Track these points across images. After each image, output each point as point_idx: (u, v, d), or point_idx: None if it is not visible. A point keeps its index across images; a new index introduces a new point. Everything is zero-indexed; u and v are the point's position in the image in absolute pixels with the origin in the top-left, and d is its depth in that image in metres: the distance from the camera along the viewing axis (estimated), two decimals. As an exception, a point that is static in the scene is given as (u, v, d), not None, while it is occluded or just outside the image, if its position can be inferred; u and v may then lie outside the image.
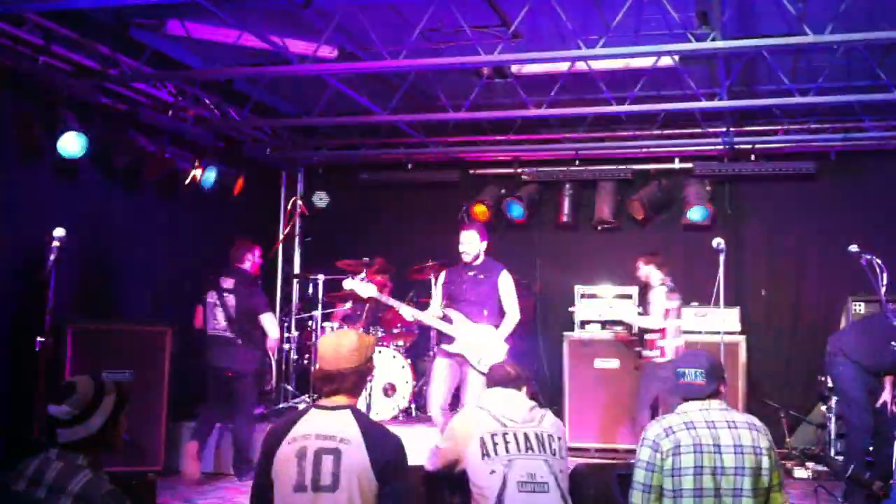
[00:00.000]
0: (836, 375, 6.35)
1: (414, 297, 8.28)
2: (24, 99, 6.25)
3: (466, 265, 6.30)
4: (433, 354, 6.63)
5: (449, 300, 6.32)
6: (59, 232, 5.29)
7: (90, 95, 6.74)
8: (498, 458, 3.73)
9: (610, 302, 8.27)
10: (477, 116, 7.77)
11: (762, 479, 3.31)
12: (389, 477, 3.01)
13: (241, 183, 8.37)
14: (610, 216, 9.12)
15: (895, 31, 5.38)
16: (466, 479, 3.80)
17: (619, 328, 8.11)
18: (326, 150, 9.52)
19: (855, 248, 5.76)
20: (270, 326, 6.96)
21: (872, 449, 6.26)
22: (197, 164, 7.89)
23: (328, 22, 5.92)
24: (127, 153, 7.03)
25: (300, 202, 9.90)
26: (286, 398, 8.34)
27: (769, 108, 7.61)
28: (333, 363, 3.16)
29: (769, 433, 3.43)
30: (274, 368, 7.79)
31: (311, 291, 8.71)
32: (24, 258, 6.12)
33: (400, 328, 8.31)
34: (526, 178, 9.32)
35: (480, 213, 9.15)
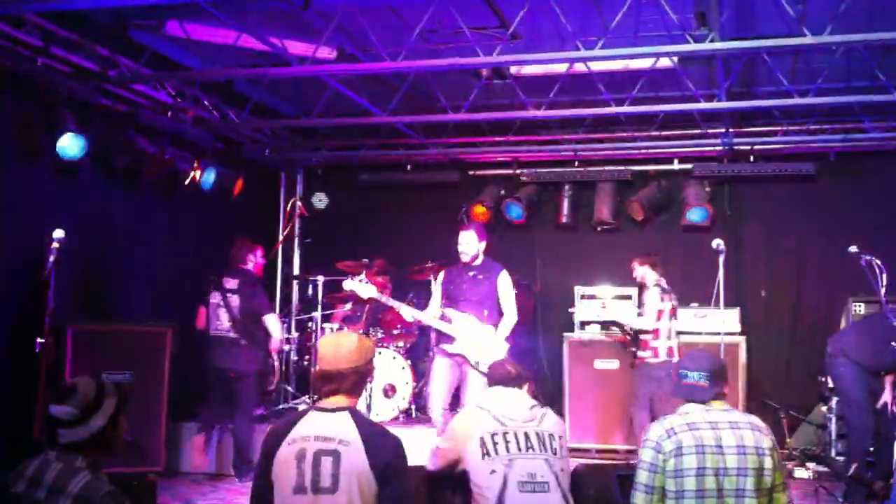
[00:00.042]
0: (836, 376, 6.37)
1: (414, 298, 8.28)
2: (23, 100, 6.25)
3: (466, 265, 6.30)
4: (432, 355, 6.61)
5: (448, 300, 6.31)
6: (58, 233, 5.33)
7: (90, 96, 6.74)
8: (498, 457, 3.72)
9: (604, 302, 8.29)
10: (476, 117, 7.77)
11: (765, 479, 3.30)
12: (389, 478, 3.00)
13: (240, 184, 8.38)
14: (609, 217, 9.12)
15: (895, 31, 5.38)
16: (467, 478, 3.79)
17: (614, 329, 8.11)
18: (326, 151, 9.51)
19: (855, 248, 5.78)
20: (274, 327, 6.97)
21: (873, 449, 6.27)
22: (196, 165, 7.89)
23: (327, 23, 5.92)
24: (126, 154, 7.03)
25: (299, 203, 9.89)
26: (286, 399, 8.35)
27: (768, 109, 7.61)
28: (333, 363, 3.15)
29: (772, 433, 3.43)
30: (277, 369, 7.79)
31: (310, 293, 8.71)
32: (24, 259, 6.11)
33: (400, 329, 8.32)
34: (525, 178, 9.33)
35: (480, 213, 9.15)
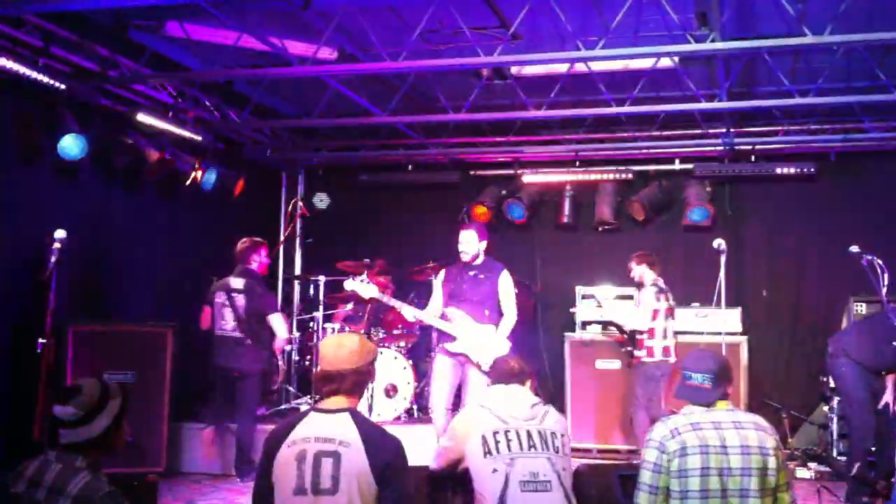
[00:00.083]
0: (838, 376, 6.36)
1: (415, 298, 8.27)
2: (24, 100, 6.25)
3: (466, 265, 6.29)
4: (434, 354, 6.61)
5: (449, 299, 6.31)
6: (60, 233, 5.34)
7: (90, 97, 6.74)
8: (500, 456, 3.70)
9: (600, 302, 8.29)
10: (477, 118, 7.77)
11: (769, 479, 3.29)
12: (389, 479, 3.01)
13: (241, 185, 8.38)
14: (610, 217, 9.12)
15: (895, 31, 5.37)
16: (469, 478, 3.78)
17: (612, 329, 8.11)
18: (326, 151, 9.52)
19: (856, 248, 5.77)
20: (279, 326, 6.96)
21: (874, 449, 6.26)
22: (197, 166, 7.89)
23: (328, 23, 5.91)
24: (127, 154, 7.03)
25: (300, 203, 9.89)
26: (287, 399, 8.34)
27: (769, 109, 7.60)
28: (333, 363, 3.16)
29: (775, 433, 3.42)
30: (281, 369, 7.79)
31: (311, 293, 8.70)
32: (24, 259, 6.12)
33: (401, 329, 8.31)
34: (526, 179, 9.32)
35: (481, 214, 9.16)
